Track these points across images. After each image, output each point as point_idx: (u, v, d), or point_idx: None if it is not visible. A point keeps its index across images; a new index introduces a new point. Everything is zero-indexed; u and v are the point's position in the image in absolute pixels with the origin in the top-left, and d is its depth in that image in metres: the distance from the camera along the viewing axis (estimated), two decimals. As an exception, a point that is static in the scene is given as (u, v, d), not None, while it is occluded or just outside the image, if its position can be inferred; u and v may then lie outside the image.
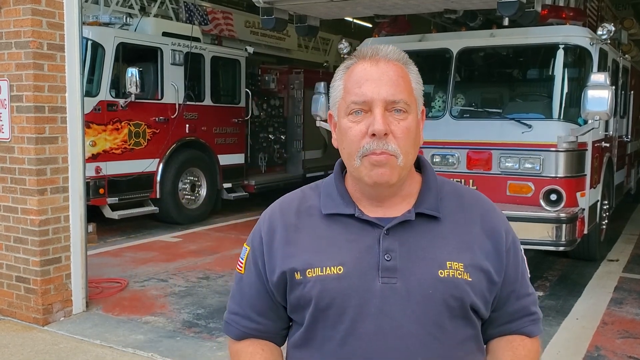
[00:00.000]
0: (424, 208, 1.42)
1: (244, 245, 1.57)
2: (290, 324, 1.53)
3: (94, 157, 8.04)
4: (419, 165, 1.52)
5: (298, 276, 1.39)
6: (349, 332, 1.36)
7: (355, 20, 16.05)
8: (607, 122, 6.84)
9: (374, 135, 1.33)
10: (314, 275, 1.38)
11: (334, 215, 1.43)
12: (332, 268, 1.37)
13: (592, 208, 6.50)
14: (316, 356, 1.41)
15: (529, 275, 1.56)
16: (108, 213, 8.47)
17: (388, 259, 1.36)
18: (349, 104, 1.38)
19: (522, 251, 1.54)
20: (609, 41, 6.38)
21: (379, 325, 1.34)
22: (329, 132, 6.82)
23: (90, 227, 7.42)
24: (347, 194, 1.45)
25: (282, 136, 12.11)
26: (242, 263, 1.55)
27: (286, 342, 1.56)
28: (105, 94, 8.20)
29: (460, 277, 1.37)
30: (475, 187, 6.28)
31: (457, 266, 1.37)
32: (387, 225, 1.39)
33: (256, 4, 6.36)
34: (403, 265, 1.36)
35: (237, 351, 1.55)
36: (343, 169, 1.51)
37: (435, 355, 1.36)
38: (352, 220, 1.42)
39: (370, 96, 1.34)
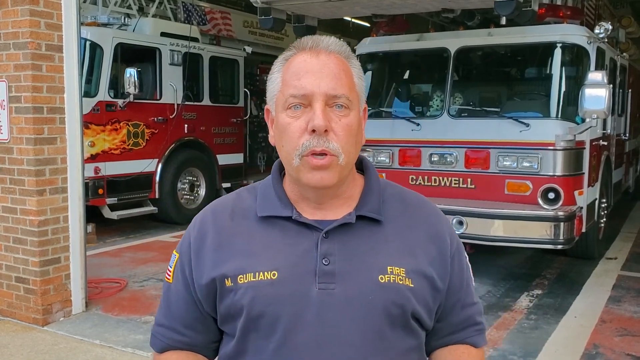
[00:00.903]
0: (365, 211, 1.34)
1: (173, 252, 1.45)
2: (222, 336, 1.42)
3: (93, 158, 8.04)
4: (361, 166, 1.44)
5: (229, 283, 1.29)
6: (283, 342, 1.26)
7: (353, 20, 16.05)
8: (605, 121, 6.87)
9: (313, 131, 1.24)
10: (245, 281, 1.27)
11: (270, 218, 1.34)
12: (265, 273, 1.27)
13: (590, 206, 6.51)
14: None
15: (474, 284, 1.50)
16: (107, 213, 8.48)
17: (326, 263, 1.27)
18: (287, 97, 1.27)
19: (467, 258, 1.48)
20: (606, 40, 6.40)
21: (315, 335, 1.25)
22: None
23: (90, 228, 7.43)
24: (285, 195, 1.36)
25: (280, 136, 12.10)
26: (170, 271, 1.43)
27: (217, 357, 1.45)
28: (103, 94, 8.21)
29: (401, 282, 1.29)
30: (473, 186, 6.31)
31: (398, 271, 1.30)
32: (326, 228, 1.30)
33: (254, 4, 6.37)
34: (342, 269, 1.27)
35: None
36: (281, 169, 1.41)
37: None
38: (289, 223, 1.32)
39: (310, 89, 1.25)
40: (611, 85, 5.86)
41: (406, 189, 1.49)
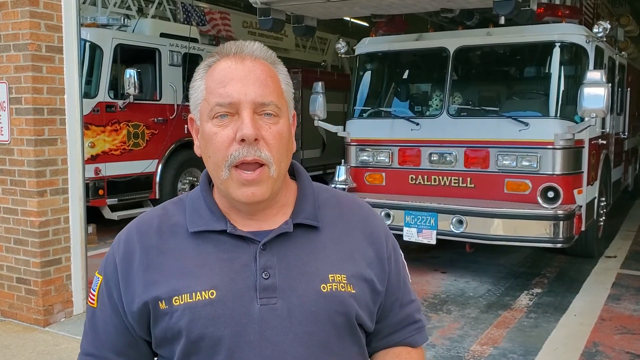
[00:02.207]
0: (302, 218, 1.29)
1: (96, 274, 1.35)
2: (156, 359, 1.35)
3: (93, 159, 8.06)
4: (293, 172, 1.39)
5: (163, 305, 1.21)
6: None
7: (352, 20, 16.06)
8: (603, 120, 6.88)
9: (243, 140, 1.18)
10: (181, 302, 1.20)
11: (202, 233, 1.26)
12: (202, 293, 1.20)
13: (590, 205, 6.53)
14: None
15: (410, 281, 1.47)
16: (108, 214, 8.50)
17: (266, 277, 1.22)
18: (212, 106, 1.21)
19: (402, 256, 1.46)
20: (605, 39, 6.41)
21: (259, 354, 1.20)
22: (327, 132, 6.87)
23: (90, 228, 7.44)
24: (216, 207, 1.29)
25: (280, 136, 12.12)
26: (94, 295, 1.33)
27: None
28: (103, 95, 8.22)
29: (343, 289, 1.25)
30: (473, 186, 6.33)
31: (339, 278, 1.26)
32: (263, 240, 1.24)
33: (253, 5, 6.38)
34: (283, 282, 1.22)
35: None
36: (210, 179, 1.34)
37: None
38: (223, 236, 1.26)
39: (236, 97, 1.19)
40: (610, 84, 5.88)
41: (340, 192, 1.45)
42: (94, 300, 1.33)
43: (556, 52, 6.42)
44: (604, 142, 7.20)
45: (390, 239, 1.41)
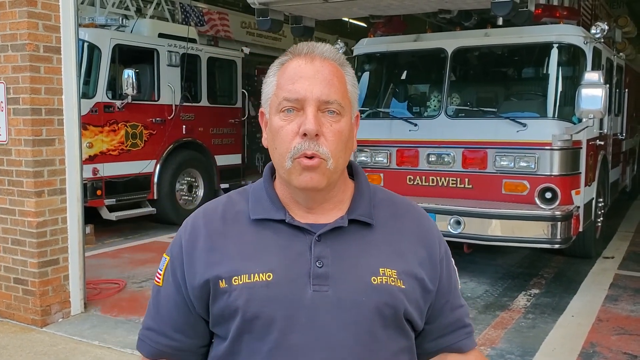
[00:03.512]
0: (357, 214, 1.37)
1: (164, 255, 1.45)
2: (212, 340, 1.42)
3: (91, 159, 8.05)
4: (352, 171, 1.46)
5: (223, 284, 1.29)
6: (278, 343, 1.28)
7: (351, 21, 16.07)
8: (601, 120, 6.89)
9: (305, 135, 1.27)
10: (240, 282, 1.28)
11: (263, 221, 1.35)
12: (260, 275, 1.28)
13: (587, 206, 6.53)
14: None
15: (460, 287, 1.54)
16: (105, 214, 8.49)
17: (320, 265, 1.30)
18: (280, 100, 1.31)
19: (453, 262, 1.52)
20: (602, 40, 6.42)
21: (309, 336, 1.27)
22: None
23: (88, 229, 7.43)
24: (277, 198, 1.38)
25: (279, 136, 12.13)
26: (160, 274, 1.42)
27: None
28: (101, 95, 8.22)
29: (393, 284, 1.32)
30: (471, 186, 6.33)
31: (390, 273, 1.33)
32: (319, 232, 1.32)
33: (252, 5, 6.38)
34: (335, 272, 1.30)
35: None
36: (273, 172, 1.43)
37: None
38: (282, 225, 1.34)
39: (303, 94, 1.28)
40: (607, 85, 5.89)
41: (396, 194, 1.51)
42: (160, 279, 1.42)
43: (554, 53, 6.42)
44: (602, 143, 7.21)
45: (443, 244, 1.47)
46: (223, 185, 10.32)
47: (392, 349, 1.34)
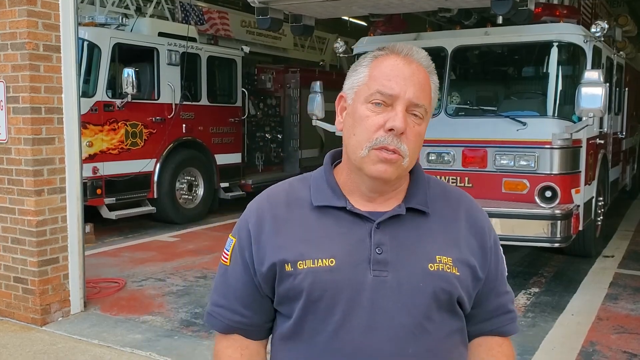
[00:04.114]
0: (414, 203, 1.44)
1: (230, 236, 1.53)
2: (275, 316, 1.50)
3: (91, 158, 8.05)
4: None
5: (288, 268, 1.37)
6: (341, 324, 1.35)
7: (351, 19, 16.06)
8: (601, 119, 6.89)
9: (390, 130, 1.34)
10: (305, 267, 1.36)
11: (324, 208, 1.43)
12: (324, 260, 1.36)
13: (587, 204, 6.53)
14: (304, 349, 1.40)
15: (506, 274, 1.59)
16: (105, 213, 8.49)
17: (379, 252, 1.37)
18: (373, 92, 1.36)
19: (502, 250, 1.58)
20: (602, 38, 6.41)
21: (370, 318, 1.35)
22: (325, 131, 6.86)
23: (88, 228, 7.43)
24: (337, 187, 1.45)
25: (278, 135, 12.13)
26: (227, 254, 1.51)
27: (271, 335, 1.53)
28: (101, 94, 8.22)
29: (449, 271, 1.39)
30: (471, 185, 6.33)
31: (446, 260, 1.40)
32: (378, 219, 1.39)
33: (251, 4, 6.37)
34: (394, 258, 1.37)
35: (217, 351, 1.54)
36: (333, 161, 1.52)
37: (424, 347, 1.37)
38: (343, 213, 1.41)
39: (397, 91, 1.35)
40: (607, 84, 5.88)
41: (448, 184, 1.60)
42: (227, 258, 1.50)
43: (554, 52, 6.41)
44: (602, 141, 7.21)
45: (493, 233, 1.54)
46: (223, 184, 10.32)
47: (446, 330, 1.42)
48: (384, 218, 1.40)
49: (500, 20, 6.68)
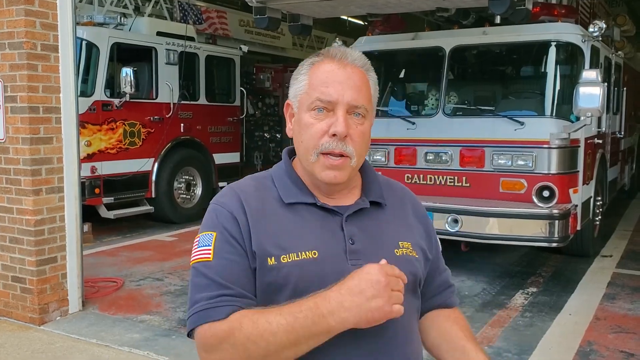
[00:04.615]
0: (374, 197, 1.56)
1: (203, 233, 1.48)
2: None
3: (89, 157, 8.05)
4: None
5: (272, 261, 1.40)
6: None
7: (350, 19, 16.07)
8: (599, 119, 6.89)
9: (334, 135, 1.41)
10: (289, 260, 1.40)
11: (295, 204, 1.48)
12: (307, 252, 1.41)
13: (585, 204, 6.54)
14: None
15: (451, 272, 1.75)
16: (104, 213, 8.49)
17: (352, 243, 1.46)
18: (313, 99, 1.44)
19: None
20: (600, 38, 6.42)
21: None
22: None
23: (86, 227, 7.43)
24: (302, 183, 1.52)
25: (277, 134, 12.14)
26: (208, 249, 1.44)
27: None
28: (100, 94, 8.21)
29: (411, 254, 1.53)
30: (468, 185, 6.35)
31: (407, 245, 1.53)
32: (346, 213, 1.49)
33: (249, 3, 6.38)
34: (365, 248, 1.47)
35: (231, 323, 1.36)
36: (290, 156, 1.59)
37: (399, 327, 1.46)
38: (313, 208, 1.49)
39: (335, 97, 1.42)
40: (606, 84, 5.89)
41: (390, 178, 1.72)
42: (209, 254, 1.44)
43: (552, 52, 6.42)
44: (600, 141, 7.21)
45: (430, 219, 1.71)
46: (221, 184, 10.31)
47: (412, 309, 1.53)
48: (351, 211, 1.50)
49: (498, 19, 6.69)
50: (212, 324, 1.38)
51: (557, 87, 6.39)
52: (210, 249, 1.45)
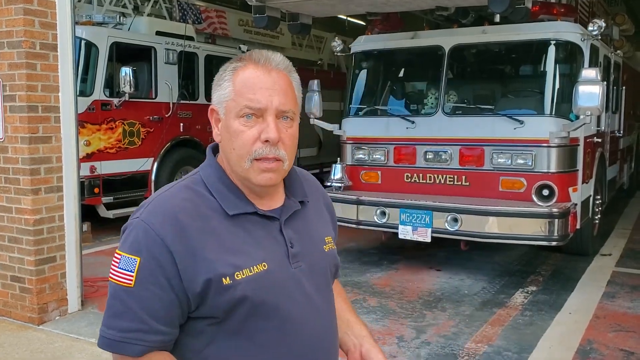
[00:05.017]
0: (300, 196, 1.59)
1: (125, 254, 1.41)
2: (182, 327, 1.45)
3: (89, 157, 8.03)
4: None
5: (227, 281, 1.37)
6: (286, 318, 1.45)
7: (349, 18, 16.06)
8: (599, 118, 6.89)
9: (267, 141, 1.42)
10: (243, 276, 1.39)
11: (238, 215, 1.46)
12: (258, 266, 1.42)
13: (585, 203, 6.54)
14: (249, 346, 1.42)
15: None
16: (103, 212, 8.48)
17: (292, 246, 1.50)
18: (241, 107, 1.44)
19: None
20: (600, 37, 6.42)
21: (303, 306, 1.48)
22: (324, 130, 6.93)
23: (85, 226, 7.42)
24: (238, 190, 1.50)
25: (275, 134, 12.11)
26: (130, 275, 1.38)
27: (193, 337, 1.46)
28: (99, 93, 8.20)
29: (333, 248, 1.64)
30: (468, 184, 6.34)
31: (329, 239, 1.63)
32: (283, 217, 1.52)
33: (248, 2, 6.38)
34: (302, 249, 1.52)
35: None
36: (214, 153, 1.58)
37: (331, 316, 1.59)
38: (254, 217, 1.48)
39: (264, 104, 1.43)
40: (605, 82, 5.89)
41: (301, 169, 1.73)
42: (131, 279, 1.38)
43: (551, 50, 6.42)
44: (599, 140, 7.22)
45: (332, 205, 1.79)
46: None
47: (332, 296, 1.64)
48: (287, 215, 1.53)
49: (497, 18, 6.69)
50: (127, 358, 1.41)
51: (557, 86, 6.39)
52: (132, 275, 1.38)
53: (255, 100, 1.43)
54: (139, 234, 1.40)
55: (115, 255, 1.44)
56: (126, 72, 8.10)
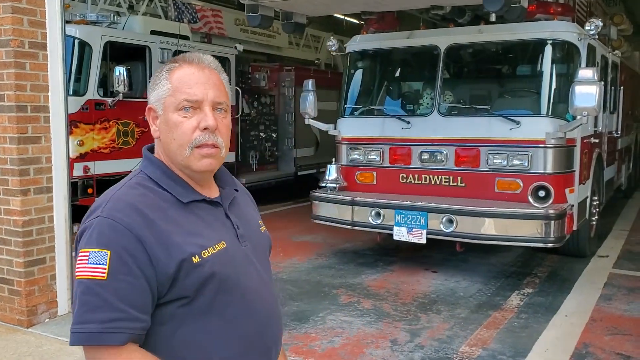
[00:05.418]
0: (234, 185, 1.78)
1: (94, 250, 1.44)
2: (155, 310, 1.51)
3: (82, 157, 7.97)
4: None
5: (196, 259, 1.50)
6: (245, 291, 1.60)
7: (346, 18, 16.01)
8: (596, 118, 6.84)
9: (206, 129, 1.57)
10: (209, 254, 1.53)
11: (190, 202, 1.60)
12: (218, 245, 1.57)
13: (582, 204, 6.49)
14: (219, 323, 1.54)
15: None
16: (97, 213, 8.41)
17: (238, 228, 1.67)
18: (180, 100, 1.58)
19: None
20: (597, 37, 6.37)
21: (257, 279, 1.65)
22: (321, 130, 6.89)
23: (76, 228, 7.34)
24: (183, 181, 1.62)
25: (273, 134, 12.06)
26: (103, 268, 1.42)
27: (162, 324, 1.50)
28: (93, 93, 8.13)
29: (265, 230, 1.84)
30: (463, 185, 6.29)
31: (261, 222, 1.85)
32: (226, 203, 1.69)
33: (241, 1, 6.32)
34: (246, 231, 1.70)
35: None
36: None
37: (274, 287, 1.77)
38: (202, 203, 1.63)
39: (201, 96, 1.59)
40: (602, 82, 5.84)
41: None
42: (103, 272, 1.43)
43: (548, 50, 6.37)
44: (597, 140, 7.17)
45: None
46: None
47: (271, 269, 1.83)
48: (229, 201, 1.71)
49: (493, 18, 6.63)
50: (108, 350, 1.42)
51: (553, 86, 6.34)
52: (104, 268, 1.43)
53: (192, 94, 1.58)
54: (104, 229, 1.47)
55: (81, 253, 1.47)
56: (120, 71, 8.03)
